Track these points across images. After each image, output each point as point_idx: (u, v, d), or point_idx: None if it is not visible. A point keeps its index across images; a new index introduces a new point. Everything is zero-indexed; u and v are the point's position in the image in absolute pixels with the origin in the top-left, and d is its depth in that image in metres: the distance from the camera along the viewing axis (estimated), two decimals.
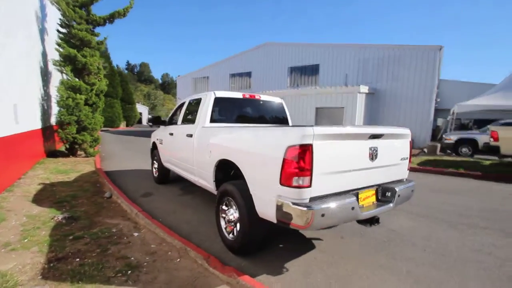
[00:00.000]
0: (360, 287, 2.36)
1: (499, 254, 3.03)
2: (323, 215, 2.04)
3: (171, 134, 4.75)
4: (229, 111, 3.99)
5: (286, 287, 2.33)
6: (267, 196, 2.29)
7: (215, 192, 3.42)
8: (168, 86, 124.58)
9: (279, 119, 4.55)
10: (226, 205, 3.02)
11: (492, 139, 7.58)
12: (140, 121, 47.20)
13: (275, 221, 2.27)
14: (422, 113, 14.96)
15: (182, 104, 4.98)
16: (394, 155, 2.77)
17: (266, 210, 2.35)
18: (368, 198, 2.53)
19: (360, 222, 2.71)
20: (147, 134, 23.60)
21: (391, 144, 2.71)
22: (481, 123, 20.25)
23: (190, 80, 27.35)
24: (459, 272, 2.63)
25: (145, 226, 3.47)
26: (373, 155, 2.49)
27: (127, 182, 5.92)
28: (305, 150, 2.03)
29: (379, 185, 2.66)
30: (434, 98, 14.79)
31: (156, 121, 5.32)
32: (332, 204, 2.11)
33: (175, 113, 5.30)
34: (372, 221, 2.63)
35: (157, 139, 5.63)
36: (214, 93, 3.87)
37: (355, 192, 2.43)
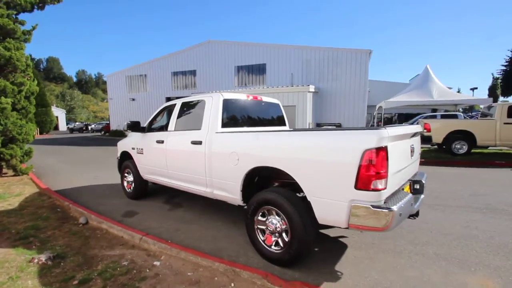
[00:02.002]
0: (413, 276, 2.53)
1: (481, 226, 3.66)
2: (400, 215, 2.11)
3: (160, 141, 4.18)
4: (236, 114, 3.73)
5: None
6: (336, 201, 2.23)
7: (240, 203, 3.17)
8: (86, 85, 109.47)
9: (278, 120, 4.49)
10: (263, 216, 2.83)
11: (425, 130, 9.09)
12: (56, 127, 40.12)
13: (345, 226, 2.23)
14: (358, 110, 16.91)
15: (168, 108, 4.43)
16: (417, 151, 3.04)
17: (332, 215, 2.29)
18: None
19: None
20: (75, 142, 20.34)
21: (417, 140, 2.97)
22: (399, 117, 24.08)
23: (123, 78, 24.62)
24: (464, 247, 3.07)
25: (162, 252, 2.97)
26: (412, 152, 2.68)
27: (93, 202, 4.98)
28: (382, 153, 2.05)
29: (410, 180, 2.88)
30: (366, 96, 16.90)
31: (136, 128, 4.60)
32: (403, 203, 2.19)
33: (155, 118, 4.69)
34: (416, 213, 2.84)
35: (133, 148, 4.88)
36: (222, 95, 3.57)
37: (402, 188, 2.58)
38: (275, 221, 2.70)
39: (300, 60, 17.82)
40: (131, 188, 5.15)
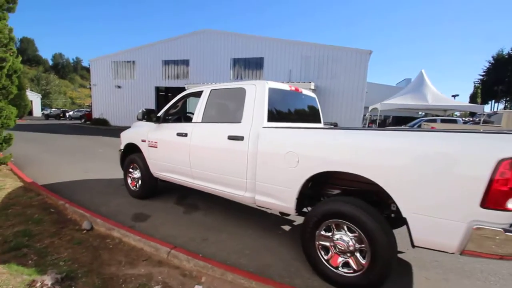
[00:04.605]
0: None
1: None
2: None
3: (183, 134, 3.56)
4: (279, 106, 3.19)
5: None
6: (449, 221, 1.79)
7: (293, 212, 2.67)
8: (63, 70, 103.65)
9: (315, 116, 4.01)
10: (328, 230, 2.35)
11: None
12: (30, 113, 37.26)
13: (455, 251, 1.80)
14: (356, 110, 16.80)
15: (192, 95, 3.82)
16: None
17: (440, 237, 1.85)
18: None
19: None
20: (54, 130, 18.75)
21: None
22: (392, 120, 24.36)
23: (108, 64, 23.07)
24: None
25: (200, 271, 2.41)
26: None
27: (92, 201, 4.26)
28: None
29: None
30: (364, 96, 16.80)
31: (151, 117, 3.94)
32: None
33: (173, 107, 4.05)
34: None
35: (143, 141, 4.21)
36: (267, 83, 3.02)
37: None
38: (347, 238, 2.23)
39: (299, 56, 17.41)
40: (137, 186, 4.48)
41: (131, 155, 4.54)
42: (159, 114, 4.06)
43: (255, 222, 3.69)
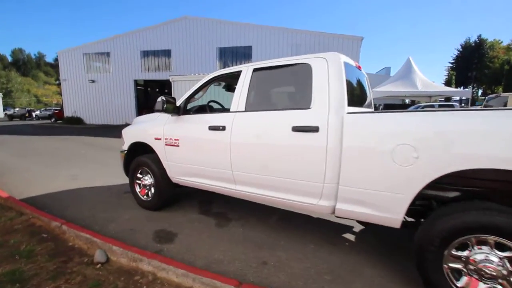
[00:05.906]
0: None
1: None
2: None
3: (218, 128, 2.76)
4: (351, 87, 2.49)
5: None
6: None
7: (397, 225, 2.01)
8: (24, 66, 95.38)
9: (368, 98, 3.34)
10: (462, 249, 1.73)
11: None
12: None
13: None
14: None
15: (224, 78, 3.02)
16: None
17: None
18: None
19: None
20: (22, 131, 16.74)
21: None
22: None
23: (79, 56, 21.00)
24: None
25: None
26: None
27: (93, 218, 3.38)
28: None
29: None
30: None
31: (171, 107, 3.07)
32: None
33: (197, 94, 3.22)
34: None
35: (157, 139, 3.34)
36: (341, 55, 2.31)
37: None
38: (495, 259, 1.63)
39: (289, 44, 16.71)
40: (149, 194, 3.63)
41: (139, 157, 3.66)
42: (178, 104, 3.21)
43: (306, 232, 3.02)
